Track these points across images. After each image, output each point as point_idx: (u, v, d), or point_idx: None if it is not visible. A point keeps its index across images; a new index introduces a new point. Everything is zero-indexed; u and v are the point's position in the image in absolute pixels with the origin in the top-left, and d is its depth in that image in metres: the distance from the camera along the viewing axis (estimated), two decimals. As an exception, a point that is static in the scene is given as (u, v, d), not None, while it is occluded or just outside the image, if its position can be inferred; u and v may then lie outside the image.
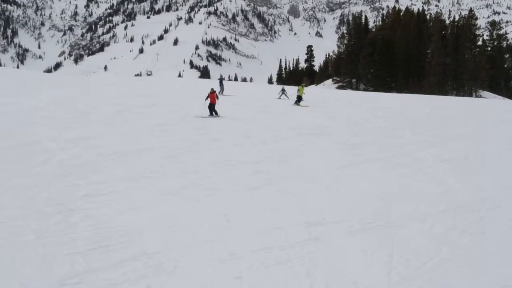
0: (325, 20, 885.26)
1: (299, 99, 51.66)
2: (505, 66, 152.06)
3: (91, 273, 9.87)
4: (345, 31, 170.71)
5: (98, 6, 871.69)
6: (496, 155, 25.52)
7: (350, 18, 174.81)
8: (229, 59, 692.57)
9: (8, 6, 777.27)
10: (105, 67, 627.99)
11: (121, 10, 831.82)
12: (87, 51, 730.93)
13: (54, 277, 9.58)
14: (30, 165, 19.42)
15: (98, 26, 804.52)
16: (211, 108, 37.29)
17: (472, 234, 13.21)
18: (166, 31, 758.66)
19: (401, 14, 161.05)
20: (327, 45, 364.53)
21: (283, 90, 64.05)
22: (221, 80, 72.88)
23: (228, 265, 10.56)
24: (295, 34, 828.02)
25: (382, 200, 16.55)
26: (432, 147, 27.40)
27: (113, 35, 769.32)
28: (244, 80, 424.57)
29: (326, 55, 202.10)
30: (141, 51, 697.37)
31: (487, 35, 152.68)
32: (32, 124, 29.30)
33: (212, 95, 37.67)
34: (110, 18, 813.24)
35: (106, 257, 10.68)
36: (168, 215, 14.04)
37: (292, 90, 66.39)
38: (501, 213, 15.27)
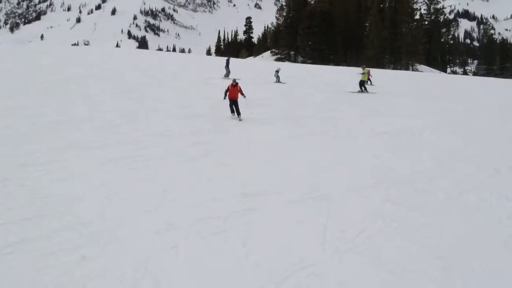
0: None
1: (362, 84, 44.41)
2: (442, 40, 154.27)
3: (26, 243, 9.75)
4: (284, 3, 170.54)
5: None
6: (431, 129, 25.85)
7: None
8: (168, 30, 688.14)
9: None
10: (42, 36, 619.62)
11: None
12: (23, 19, 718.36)
13: (-13, 247, 9.44)
14: (-38, 135, 19.10)
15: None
16: (232, 107, 26.45)
17: (407, 206, 13.39)
18: (103, 0, 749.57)
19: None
20: (266, 17, 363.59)
21: (277, 71, 51.30)
22: (228, 60, 54.40)
23: (164, 236, 10.52)
24: (234, 5, 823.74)
25: (319, 172, 16.69)
26: (369, 121, 27.71)
27: (50, 4, 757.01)
28: (183, 51, 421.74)
29: (265, 27, 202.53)
30: (78, 20, 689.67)
31: (424, 9, 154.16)
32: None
33: (235, 89, 26.15)
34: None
35: (41, 227, 10.55)
36: (105, 185, 13.93)
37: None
38: (436, 186, 15.50)
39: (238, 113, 26.25)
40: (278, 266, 9.38)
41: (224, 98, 26.59)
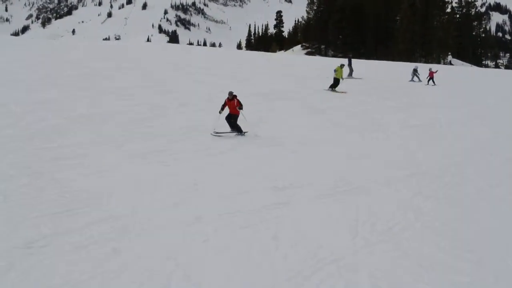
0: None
1: (335, 82, 38.64)
2: (473, 33, 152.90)
3: (58, 236, 9.83)
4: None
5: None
6: (462, 122, 25.78)
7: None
8: (198, 24, 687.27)
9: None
10: (73, 31, 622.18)
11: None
12: (54, 14, 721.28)
13: (20, 240, 9.53)
14: (-3, 128, 19.28)
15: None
16: (231, 122, 22.15)
17: (437, 199, 13.39)
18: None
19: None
20: (296, 11, 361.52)
21: (415, 70, 51.48)
22: (350, 59, 53.32)
23: (194, 229, 10.57)
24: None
25: (349, 165, 16.72)
26: (400, 113, 27.64)
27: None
28: (213, 45, 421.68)
29: (295, 21, 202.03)
30: (109, 15, 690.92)
31: (456, 2, 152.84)
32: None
33: (231, 103, 21.97)
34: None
35: (72, 220, 10.64)
36: (135, 178, 14.04)
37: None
38: (465, 179, 15.52)
39: (238, 130, 21.85)
40: (308, 259, 9.40)
41: (220, 112, 21.99)
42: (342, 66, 39.73)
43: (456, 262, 9.57)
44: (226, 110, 21.69)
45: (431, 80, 47.76)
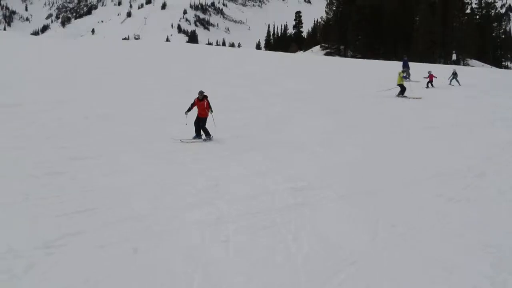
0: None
1: (402, 89, 37.69)
2: (493, 34, 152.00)
3: (78, 235, 9.87)
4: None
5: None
6: (484, 124, 25.59)
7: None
8: (217, 24, 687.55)
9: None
10: (93, 31, 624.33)
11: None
12: (74, 14, 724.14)
13: (40, 239, 9.57)
14: (16, 127, 19.40)
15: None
16: (200, 125, 20.61)
17: (459, 201, 13.28)
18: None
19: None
20: (315, 12, 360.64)
21: (454, 74, 50.14)
22: (406, 61, 54.95)
23: (215, 229, 10.58)
24: (284, 0, 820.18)
25: (369, 166, 16.65)
26: (420, 115, 27.48)
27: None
28: (232, 45, 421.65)
29: (314, 21, 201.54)
30: (128, 14, 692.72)
31: (475, 3, 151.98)
32: (17, 85, 29.15)
33: (201, 104, 20.60)
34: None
35: (92, 220, 10.69)
36: (155, 178, 14.09)
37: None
38: (487, 181, 15.36)
39: (206, 134, 20.54)
40: (328, 261, 9.38)
41: (186, 113, 20.61)
42: (403, 71, 39.71)
43: (477, 264, 9.50)
44: (194, 113, 20.72)
45: (430, 83, 47.10)
